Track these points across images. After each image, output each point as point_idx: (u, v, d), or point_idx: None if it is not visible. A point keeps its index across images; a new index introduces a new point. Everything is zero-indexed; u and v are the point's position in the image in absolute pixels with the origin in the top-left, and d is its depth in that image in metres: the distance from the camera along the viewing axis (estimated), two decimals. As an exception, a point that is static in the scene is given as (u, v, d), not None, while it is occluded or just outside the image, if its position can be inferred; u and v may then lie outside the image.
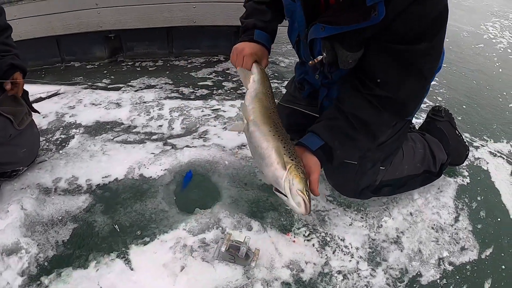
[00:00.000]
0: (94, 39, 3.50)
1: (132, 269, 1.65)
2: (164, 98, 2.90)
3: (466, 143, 2.35)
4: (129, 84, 3.15)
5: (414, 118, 2.71)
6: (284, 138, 1.55)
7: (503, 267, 1.85)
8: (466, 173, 2.38)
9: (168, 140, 2.43)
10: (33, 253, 1.68)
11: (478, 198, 2.22)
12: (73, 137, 2.43)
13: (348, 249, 1.84)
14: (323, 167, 1.63)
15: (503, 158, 2.57)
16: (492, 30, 5.21)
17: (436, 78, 3.30)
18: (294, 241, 1.83)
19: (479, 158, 2.54)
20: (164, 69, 3.48)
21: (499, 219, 2.11)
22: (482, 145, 2.68)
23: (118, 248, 1.74)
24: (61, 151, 2.29)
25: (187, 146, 2.36)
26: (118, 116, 2.66)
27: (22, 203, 1.89)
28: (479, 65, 4.12)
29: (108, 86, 3.11)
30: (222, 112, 2.74)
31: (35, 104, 2.67)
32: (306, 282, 1.67)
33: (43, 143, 2.35)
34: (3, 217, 1.81)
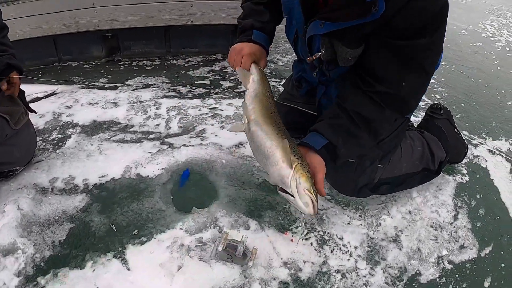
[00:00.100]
0: (91, 39, 3.49)
1: (129, 269, 1.64)
2: (161, 97, 2.89)
3: (465, 141, 2.34)
4: (126, 83, 3.14)
5: (413, 116, 2.70)
6: (287, 137, 1.53)
7: (502, 265, 1.84)
8: (465, 171, 2.37)
9: (165, 139, 2.41)
10: (30, 254, 1.67)
11: (477, 196, 2.21)
12: (70, 136, 2.41)
13: (347, 248, 1.82)
14: (327, 166, 1.61)
15: (502, 156, 2.56)
16: (490, 28, 5.21)
17: (434, 76, 3.29)
18: (292, 240, 1.82)
19: (478, 156, 2.53)
20: (162, 68, 3.47)
21: (498, 217, 2.10)
22: (481, 143, 2.68)
23: (115, 248, 1.72)
24: (58, 151, 2.28)
25: (184, 145, 2.35)
26: (115, 115, 2.64)
27: (19, 203, 1.87)
28: (477, 63, 4.11)
29: (105, 86, 3.09)
30: (219, 111, 2.73)
31: (32, 103, 2.65)
32: (304, 282, 1.66)
33: (39, 142, 2.34)
34: (-1, 217, 1.79)
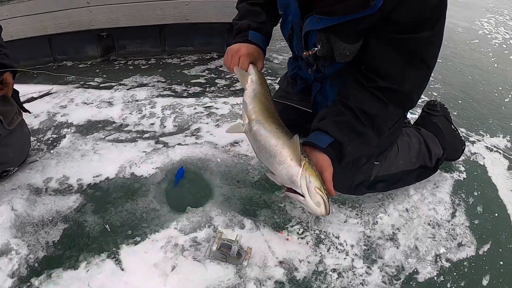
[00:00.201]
0: (86, 38, 3.47)
1: (122, 270, 1.62)
2: (157, 96, 2.87)
3: (462, 138, 2.33)
4: (121, 82, 3.12)
5: (409, 113, 2.68)
6: (291, 136, 1.49)
7: (501, 263, 1.83)
8: (462, 168, 2.36)
9: (160, 138, 2.40)
10: (23, 254, 1.65)
11: (475, 193, 2.19)
12: (64, 136, 2.40)
13: (343, 246, 1.81)
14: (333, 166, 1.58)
15: (500, 153, 2.55)
16: (487, 26, 5.21)
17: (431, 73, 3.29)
18: (287, 239, 1.80)
19: (475, 153, 2.52)
20: (157, 67, 3.46)
21: (496, 215, 2.08)
22: (478, 140, 2.66)
23: (109, 248, 1.71)
24: (52, 151, 2.26)
25: (179, 144, 2.33)
26: (110, 114, 2.63)
27: (13, 204, 1.85)
28: (475, 60, 4.11)
29: (100, 85, 3.07)
30: (214, 109, 2.72)
31: (27, 104, 2.65)
32: (300, 281, 1.64)
33: (34, 143, 2.32)
34: (-7, 218, 1.78)
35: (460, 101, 3.19)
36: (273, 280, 1.62)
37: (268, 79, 3.20)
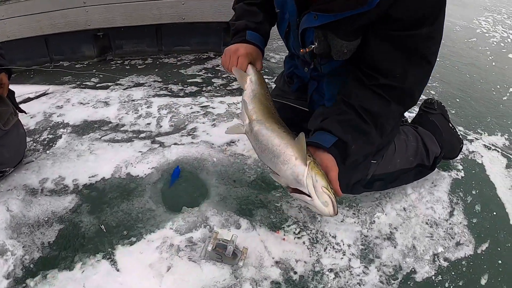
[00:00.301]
0: (82, 38, 3.46)
1: (118, 270, 1.61)
2: (153, 96, 2.85)
3: (460, 136, 2.31)
4: (118, 82, 3.11)
5: (407, 112, 2.67)
6: (294, 135, 1.47)
7: (499, 262, 1.82)
8: (460, 166, 2.34)
9: (156, 138, 2.38)
10: (19, 255, 1.65)
11: (473, 192, 2.18)
12: (60, 137, 2.39)
13: (340, 246, 1.79)
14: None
15: (498, 151, 2.54)
16: (485, 24, 5.20)
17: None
18: (284, 239, 1.79)
19: (473, 151, 2.51)
20: (153, 66, 3.44)
21: (494, 213, 2.07)
22: (476, 138, 2.65)
23: (104, 249, 1.70)
24: (48, 151, 2.25)
25: (175, 143, 2.32)
26: (106, 114, 2.61)
27: (8, 204, 1.85)
28: (472, 59, 4.09)
29: (97, 85, 3.06)
30: (211, 108, 2.70)
31: (23, 104, 2.66)
32: (297, 281, 1.63)
33: (30, 143, 2.31)
34: (-11, 220, 1.77)
35: (458, 100, 3.18)
36: (269, 281, 1.61)
37: (265, 79, 3.13)
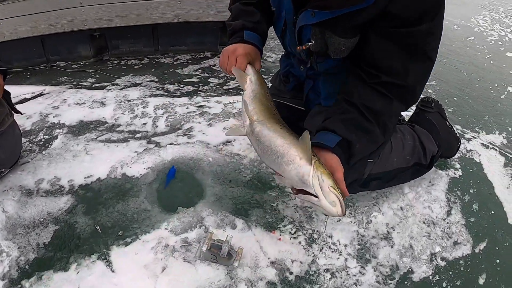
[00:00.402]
0: (79, 38, 3.43)
1: (113, 271, 1.61)
2: (149, 96, 2.84)
3: (458, 134, 2.30)
4: (114, 82, 3.10)
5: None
6: (296, 135, 1.45)
7: (497, 261, 1.81)
8: (458, 165, 2.34)
9: (152, 138, 2.37)
10: (14, 257, 1.64)
11: (471, 191, 2.17)
12: (56, 137, 2.37)
13: (336, 246, 1.78)
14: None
15: (496, 150, 2.53)
16: (483, 23, 5.19)
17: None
18: (279, 239, 1.78)
19: (471, 150, 2.50)
20: (150, 66, 3.43)
21: (492, 212, 2.07)
22: (474, 137, 2.64)
23: (99, 250, 1.69)
24: (44, 152, 2.24)
25: (171, 143, 2.31)
26: (102, 115, 2.60)
27: (4, 205, 1.84)
28: (470, 58, 4.09)
29: (93, 85, 3.05)
30: (207, 108, 2.69)
31: (20, 105, 2.64)
32: (292, 282, 1.62)
33: (26, 144, 2.30)
34: (-16, 221, 1.76)
35: (455, 98, 3.17)
36: (264, 281, 1.60)
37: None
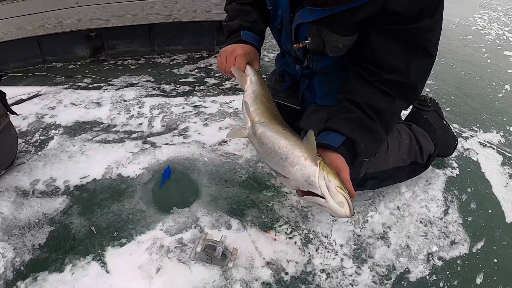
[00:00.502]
0: (75, 39, 3.43)
1: (108, 272, 1.60)
2: (145, 96, 2.83)
3: (455, 133, 2.30)
4: (110, 83, 3.09)
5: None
6: (299, 136, 1.44)
7: (495, 260, 1.80)
8: (455, 164, 2.33)
9: (148, 138, 2.36)
10: (9, 258, 1.63)
11: (468, 190, 2.16)
12: (52, 138, 2.36)
13: (332, 246, 1.77)
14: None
15: (493, 149, 2.52)
16: (480, 21, 5.20)
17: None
18: (275, 239, 1.76)
19: (468, 149, 2.49)
20: (146, 66, 3.42)
21: (490, 211, 2.06)
22: (471, 136, 2.64)
23: (94, 251, 1.68)
24: (40, 153, 2.23)
25: (166, 144, 2.29)
26: (98, 115, 2.59)
27: (-1, 207, 1.83)
28: (468, 56, 4.08)
29: (89, 86, 3.04)
30: (203, 108, 2.68)
31: (16, 106, 2.64)
32: (288, 282, 1.61)
33: (22, 145, 2.29)
34: (-20, 222, 1.76)
35: (453, 97, 3.17)
36: (260, 282, 1.59)
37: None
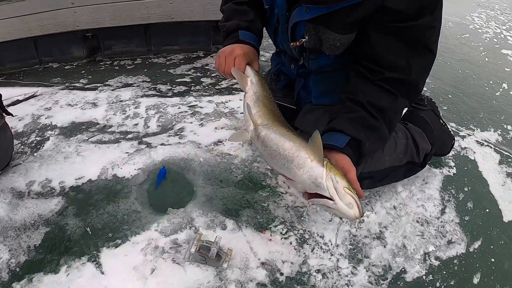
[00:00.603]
0: (71, 39, 3.42)
1: (103, 273, 1.59)
2: (141, 96, 2.82)
3: (451, 132, 2.29)
4: (106, 83, 3.08)
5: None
6: (303, 138, 1.42)
7: (492, 260, 1.79)
8: (452, 163, 2.32)
9: (143, 139, 2.35)
10: (5, 259, 1.63)
11: (465, 189, 2.16)
12: (48, 139, 2.36)
13: (328, 246, 1.76)
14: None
15: (491, 147, 2.52)
16: (478, 20, 5.18)
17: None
18: (270, 239, 1.75)
19: (465, 147, 2.48)
20: (142, 67, 3.41)
21: (487, 210, 2.05)
22: (468, 134, 2.63)
23: (90, 252, 1.68)
24: (35, 154, 2.23)
25: (162, 144, 2.29)
26: (93, 116, 2.58)
27: (-5, 208, 1.82)
28: (465, 55, 4.07)
29: (85, 86, 3.03)
30: (199, 108, 2.67)
31: (12, 107, 2.63)
32: (283, 283, 1.60)
33: (18, 146, 2.28)
34: (-25, 224, 1.75)
35: (450, 96, 3.16)
36: (254, 282, 1.58)
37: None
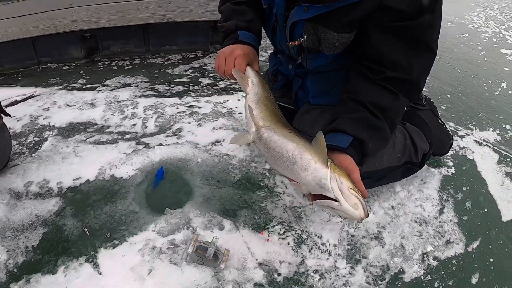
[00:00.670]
0: (70, 40, 3.42)
1: (100, 274, 1.59)
2: (139, 97, 2.82)
3: (450, 132, 2.29)
4: (105, 83, 3.07)
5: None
6: (306, 139, 1.42)
7: (491, 260, 1.79)
8: (450, 163, 2.32)
9: (141, 139, 2.35)
10: (3, 260, 1.63)
11: (464, 189, 2.16)
12: (46, 139, 2.35)
13: (326, 246, 1.76)
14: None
15: (489, 147, 2.51)
16: (477, 20, 5.19)
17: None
18: (268, 240, 1.75)
19: (464, 147, 2.48)
20: (141, 67, 3.41)
21: (486, 210, 2.05)
22: (467, 134, 2.62)
23: (87, 252, 1.67)
24: (33, 154, 2.22)
25: (159, 144, 2.28)
26: (91, 116, 2.58)
27: (-7, 209, 1.82)
28: (464, 54, 4.07)
29: (84, 87, 3.03)
30: (197, 108, 2.66)
31: (11, 107, 2.62)
32: (281, 283, 1.60)
33: (16, 146, 2.28)
34: (-27, 224, 1.75)
35: (449, 95, 3.15)
36: (252, 283, 1.58)
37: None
